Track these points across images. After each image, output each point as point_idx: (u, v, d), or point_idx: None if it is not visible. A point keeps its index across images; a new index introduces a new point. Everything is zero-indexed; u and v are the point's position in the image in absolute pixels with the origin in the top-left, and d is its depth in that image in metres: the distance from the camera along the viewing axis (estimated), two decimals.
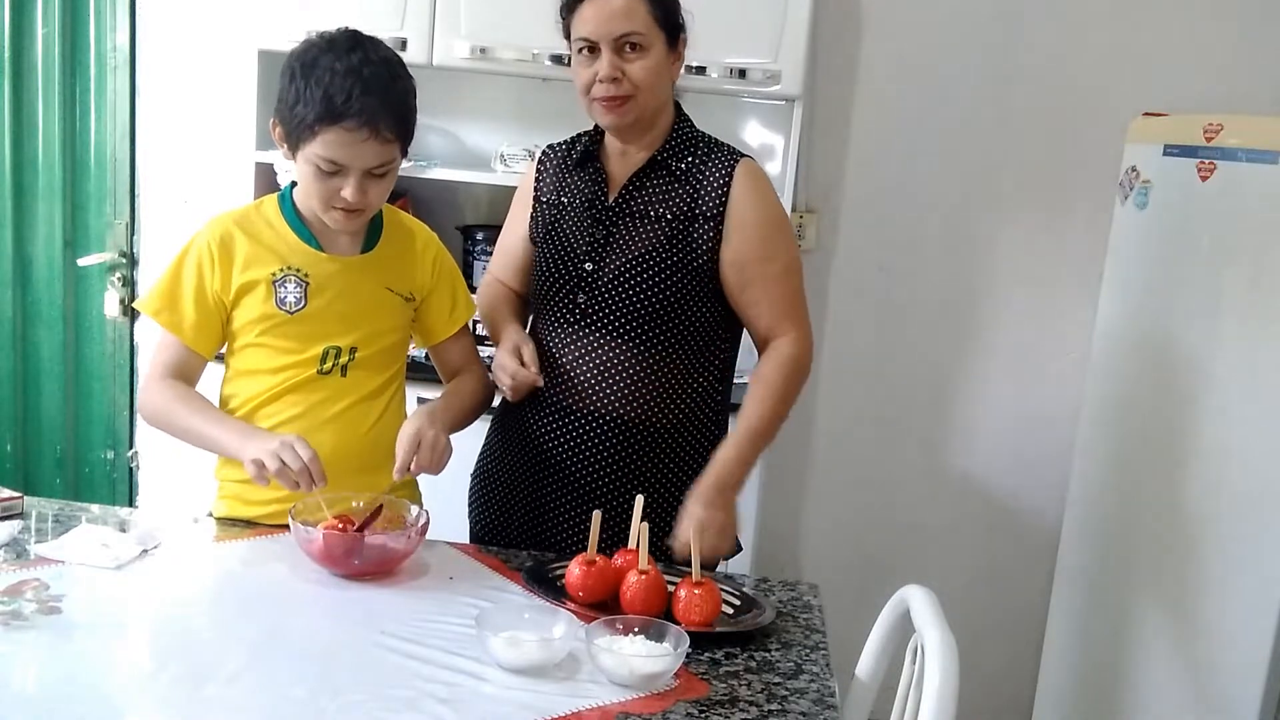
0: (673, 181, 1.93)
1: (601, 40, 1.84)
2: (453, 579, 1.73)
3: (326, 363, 1.87)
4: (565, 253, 1.96)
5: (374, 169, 1.78)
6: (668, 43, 1.89)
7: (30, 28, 3.13)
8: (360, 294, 1.89)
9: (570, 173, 2.02)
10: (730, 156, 1.95)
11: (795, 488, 3.35)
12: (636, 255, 1.90)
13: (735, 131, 3.19)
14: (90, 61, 3.19)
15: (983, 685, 2.75)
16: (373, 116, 1.73)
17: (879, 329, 3.27)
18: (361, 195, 1.78)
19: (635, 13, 1.84)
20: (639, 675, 1.43)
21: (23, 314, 3.26)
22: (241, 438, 1.77)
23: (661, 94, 1.92)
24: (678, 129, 1.97)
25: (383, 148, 1.77)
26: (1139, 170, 2.93)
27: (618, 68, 1.85)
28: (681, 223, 1.90)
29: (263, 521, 1.89)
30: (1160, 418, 2.79)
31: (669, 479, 1.94)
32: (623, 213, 1.94)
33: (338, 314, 1.87)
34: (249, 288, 1.85)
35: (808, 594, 1.80)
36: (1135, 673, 2.83)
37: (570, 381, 1.93)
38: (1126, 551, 2.90)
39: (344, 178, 1.77)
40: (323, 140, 1.74)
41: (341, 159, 1.75)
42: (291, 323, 1.85)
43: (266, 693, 1.36)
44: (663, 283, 1.89)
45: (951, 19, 3.12)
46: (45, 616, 1.49)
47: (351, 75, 1.74)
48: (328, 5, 2.85)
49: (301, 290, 1.85)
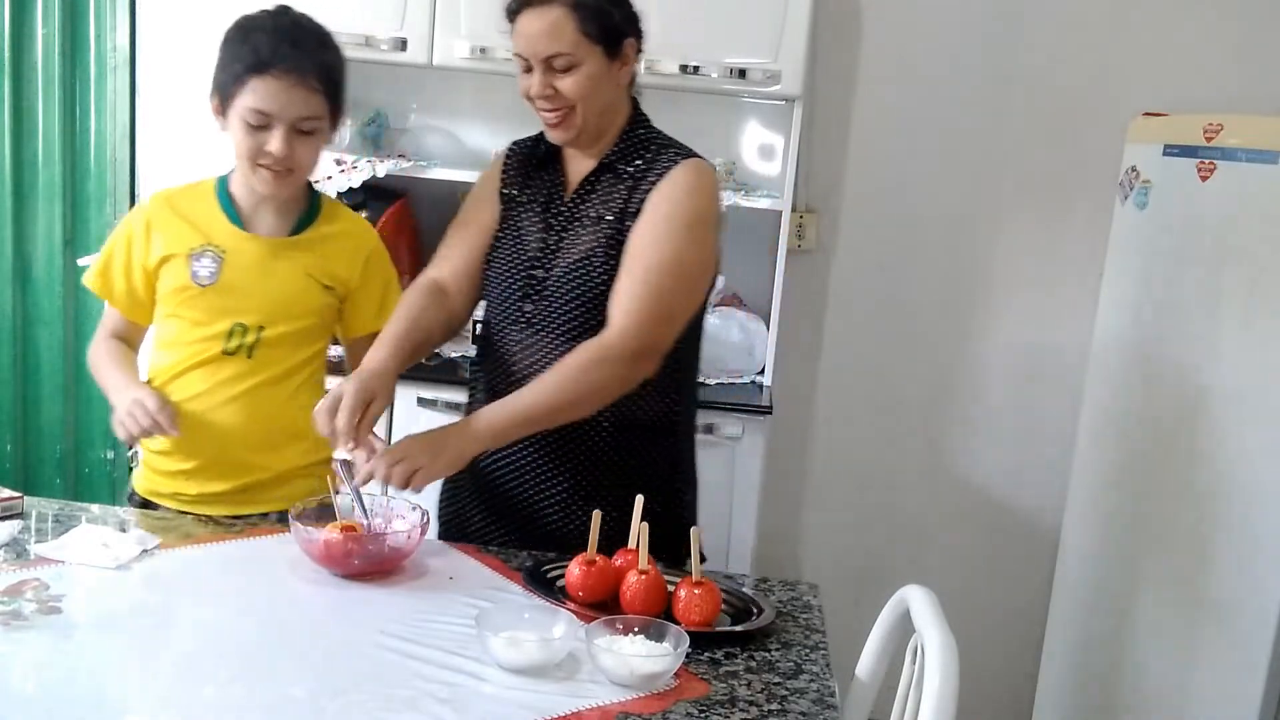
0: (618, 183, 1.91)
1: (531, 59, 1.83)
2: (453, 579, 1.73)
3: (233, 340, 1.93)
4: (518, 255, 1.94)
5: (300, 123, 1.85)
6: (606, 53, 1.84)
7: (30, 28, 3.13)
8: (276, 275, 1.95)
9: (533, 169, 2.00)
10: (676, 156, 1.91)
11: (795, 488, 3.35)
12: (577, 259, 1.88)
13: (735, 131, 3.19)
14: (90, 61, 3.19)
15: (983, 685, 2.75)
16: (299, 65, 1.83)
17: (879, 329, 3.27)
18: (287, 149, 1.85)
19: (562, 32, 1.80)
20: (639, 675, 1.43)
21: (23, 314, 3.26)
22: (116, 393, 1.90)
23: (603, 103, 1.88)
24: (630, 132, 1.94)
25: (309, 97, 1.85)
26: (1139, 170, 2.93)
27: (549, 85, 1.83)
28: (617, 220, 1.88)
29: (168, 504, 1.98)
30: (1160, 417, 2.80)
31: (625, 478, 1.91)
32: (573, 216, 1.92)
33: (248, 291, 1.94)
34: (169, 260, 1.94)
35: (808, 594, 1.80)
36: (1135, 673, 2.83)
37: (515, 382, 1.89)
38: (1126, 551, 2.90)
39: (270, 131, 1.84)
40: (251, 90, 1.83)
41: (268, 108, 1.83)
42: (202, 295, 1.93)
43: (266, 693, 1.36)
44: (600, 285, 1.86)
45: (951, 19, 3.12)
46: (45, 616, 1.49)
47: (279, 32, 1.86)
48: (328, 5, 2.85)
49: (216, 265, 1.93)
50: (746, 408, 2.81)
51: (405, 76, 3.11)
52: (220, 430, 1.94)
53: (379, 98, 3.20)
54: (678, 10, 2.83)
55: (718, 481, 2.81)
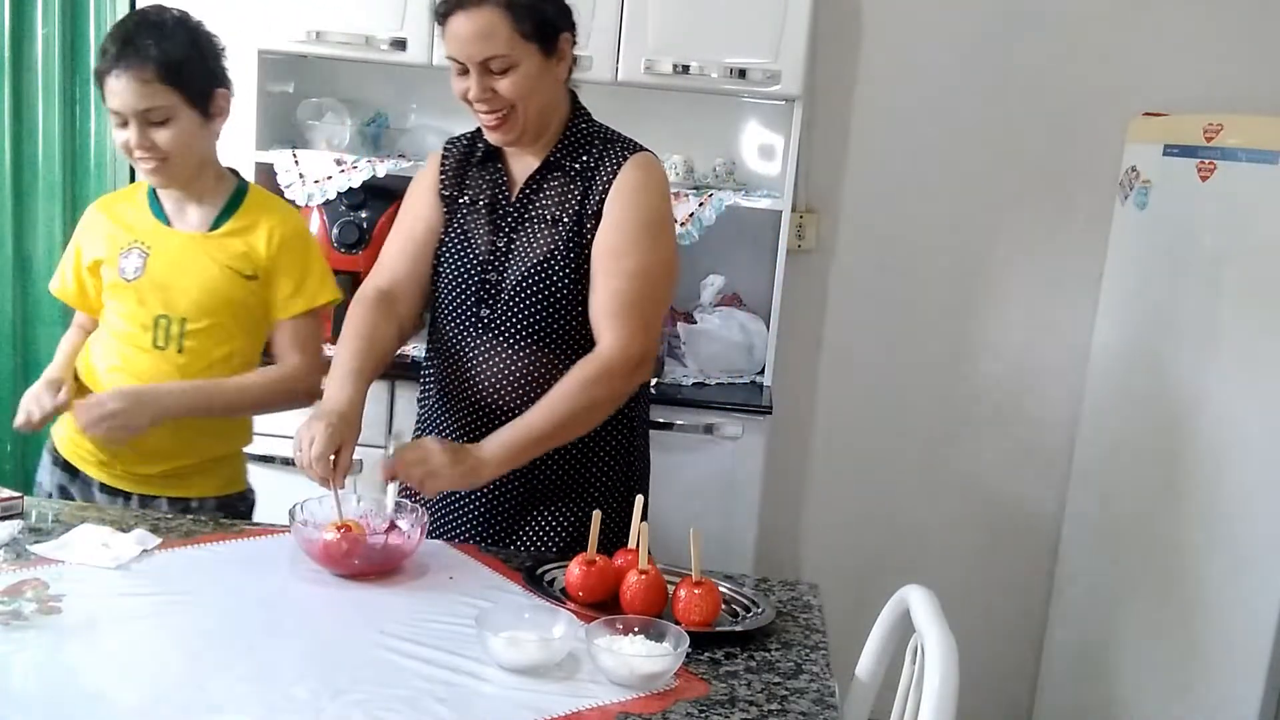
0: (568, 182, 1.89)
1: (466, 62, 1.80)
2: (453, 579, 1.73)
3: (159, 332, 2.01)
4: (468, 259, 1.91)
5: (148, 114, 1.92)
6: (542, 51, 1.82)
7: (30, 28, 3.13)
8: (197, 268, 2.02)
9: (472, 170, 1.97)
10: (624, 151, 1.89)
11: (795, 488, 3.35)
12: (535, 263, 1.86)
13: (735, 131, 3.19)
14: (90, 61, 3.19)
15: (983, 685, 2.76)
16: (132, 63, 1.90)
17: (879, 329, 3.27)
18: (145, 140, 1.93)
19: (496, 34, 1.77)
20: (639, 675, 1.43)
21: (23, 314, 3.25)
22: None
23: (542, 101, 1.85)
24: (572, 127, 1.92)
25: (146, 88, 1.90)
26: (1139, 170, 2.93)
27: (487, 88, 1.80)
28: (574, 223, 1.87)
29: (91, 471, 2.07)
30: (1160, 417, 2.80)
31: (580, 475, 1.91)
32: (522, 217, 1.90)
33: (171, 285, 2.01)
34: (104, 259, 2.05)
35: (808, 594, 1.80)
36: (1135, 672, 2.83)
37: (479, 386, 1.89)
38: (1126, 551, 2.90)
39: (127, 127, 1.94)
40: (106, 93, 1.94)
41: (115, 106, 1.93)
42: (130, 290, 2.02)
43: (267, 693, 1.36)
44: (561, 289, 1.85)
45: (951, 19, 3.12)
46: (45, 616, 1.49)
47: (117, 35, 1.95)
48: (328, 5, 2.85)
49: (141, 261, 2.02)
50: (746, 408, 2.81)
51: (405, 76, 3.11)
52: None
53: (379, 98, 3.20)
54: (678, 10, 2.83)
55: (718, 481, 2.81)
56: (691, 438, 2.79)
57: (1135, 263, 2.96)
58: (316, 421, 1.72)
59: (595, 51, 2.79)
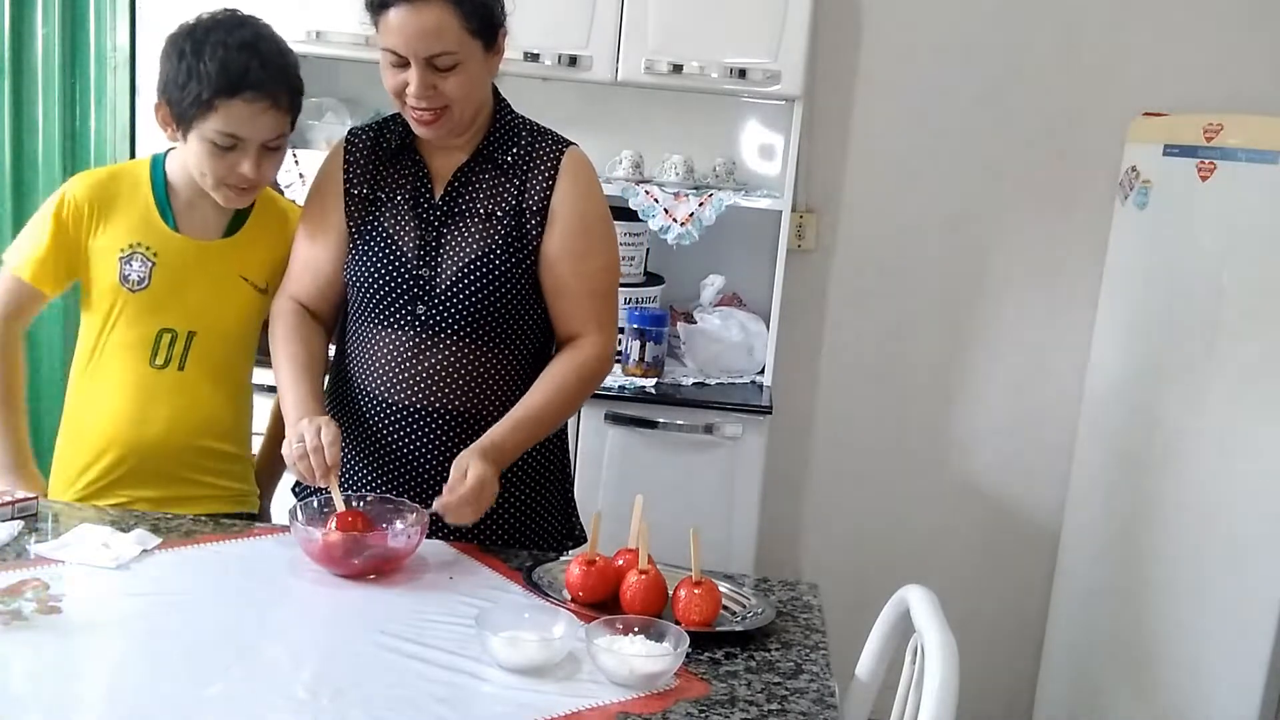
0: (500, 175, 1.86)
1: (411, 57, 1.73)
2: (453, 579, 1.73)
3: (159, 348, 1.90)
4: (393, 256, 1.85)
5: (269, 142, 1.85)
6: (485, 47, 1.78)
7: (30, 28, 3.12)
8: (208, 280, 1.93)
9: (383, 164, 1.89)
10: (556, 145, 1.88)
11: (795, 488, 3.35)
12: (473, 259, 1.83)
13: (735, 131, 3.19)
14: (90, 61, 3.19)
15: (983, 685, 2.76)
16: (271, 87, 1.81)
17: (879, 329, 3.28)
18: (258, 170, 1.85)
19: (447, 31, 1.71)
20: (639, 675, 1.43)
21: None
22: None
23: (479, 98, 1.83)
24: (499, 119, 1.88)
25: (279, 118, 1.84)
26: (1139, 170, 2.93)
27: (430, 84, 1.74)
28: (512, 218, 1.84)
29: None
30: (1160, 417, 2.80)
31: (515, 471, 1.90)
32: (451, 212, 1.85)
33: (180, 298, 1.91)
34: (101, 254, 1.90)
35: (808, 594, 1.80)
36: (1135, 672, 2.83)
37: (408, 381, 1.85)
38: (1126, 551, 2.90)
39: (241, 153, 1.83)
40: (222, 114, 1.80)
41: (241, 132, 1.81)
42: (133, 301, 1.89)
43: (266, 693, 1.36)
44: (502, 285, 1.83)
45: (951, 19, 3.12)
46: (45, 616, 1.49)
47: (246, 49, 1.81)
48: (328, 5, 2.85)
49: (147, 269, 1.89)
50: (746, 408, 2.81)
51: None
52: (147, 442, 1.92)
53: (379, 98, 3.17)
54: (677, 10, 2.83)
55: (718, 481, 2.81)
56: (691, 438, 2.80)
57: (1135, 262, 2.96)
58: (305, 422, 1.75)
59: (595, 51, 2.79)
